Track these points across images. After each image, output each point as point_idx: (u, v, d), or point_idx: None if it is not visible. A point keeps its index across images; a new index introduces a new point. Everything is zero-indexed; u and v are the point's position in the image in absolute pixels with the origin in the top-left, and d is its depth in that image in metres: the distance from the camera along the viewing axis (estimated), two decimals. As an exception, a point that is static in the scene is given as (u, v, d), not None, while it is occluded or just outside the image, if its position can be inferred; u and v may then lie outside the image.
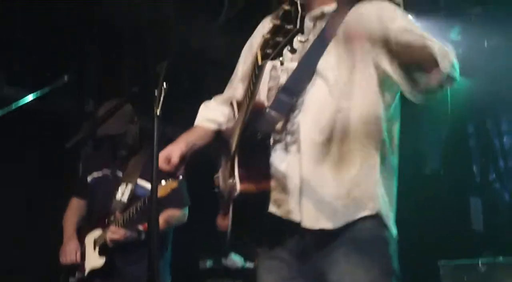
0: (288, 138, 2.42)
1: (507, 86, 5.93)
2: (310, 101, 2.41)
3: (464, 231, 6.42)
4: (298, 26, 1.86)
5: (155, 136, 2.30)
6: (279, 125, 2.39)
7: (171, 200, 3.99)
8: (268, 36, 1.95)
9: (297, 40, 1.88)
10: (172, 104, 2.59)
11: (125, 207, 4.10)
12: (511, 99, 6.13)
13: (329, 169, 2.38)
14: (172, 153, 2.55)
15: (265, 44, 1.97)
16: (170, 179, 3.83)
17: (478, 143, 6.68)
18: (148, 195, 3.93)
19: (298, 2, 1.85)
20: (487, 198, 6.57)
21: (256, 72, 2.13)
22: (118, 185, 4.22)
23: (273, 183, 2.38)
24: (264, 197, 2.36)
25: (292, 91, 2.39)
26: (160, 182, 3.81)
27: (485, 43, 5.87)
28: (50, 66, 5.84)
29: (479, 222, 6.80)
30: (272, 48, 1.94)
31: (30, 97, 4.34)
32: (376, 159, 2.43)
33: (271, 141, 2.40)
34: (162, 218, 4.00)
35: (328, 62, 2.40)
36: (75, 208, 4.50)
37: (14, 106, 4.18)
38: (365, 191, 2.40)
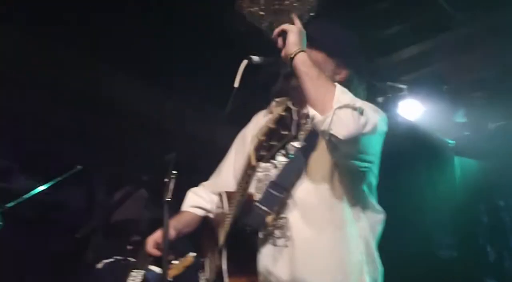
0: (277, 233, 2.42)
1: (514, 166, 5.95)
2: (299, 198, 2.43)
3: (481, 315, 6.27)
4: (293, 132, 1.91)
5: (164, 222, 2.32)
6: (268, 219, 2.40)
7: None
8: (263, 138, 1.99)
9: (291, 146, 1.88)
10: (182, 191, 2.63)
11: None
12: (519, 178, 6.12)
13: (322, 262, 2.37)
14: (161, 238, 2.57)
15: (259, 146, 2.01)
16: (182, 257, 3.80)
17: (490, 223, 6.62)
18: (158, 277, 3.90)
19: (293, 109, 1.87)
20: (502, 278, 6.44)
21: (248, 172, 2.20)
22: (130, 270, 4.18)
23: (261, 278, 2.39)
24: None
25: (282, 187, 2.41)
26: (168, 262, 3.78)
27: (489, 125, 5.94)
28: (62, 157, 5.92)
29: (495, 304, 6.64)
30: (266, 151, 1.98)
31: (42, 187, 4.37)
32: (361, 245, 2.45)
33: (260, 235, 2.41)
34: None
35: (316, 160, 2.43)
36: None
37: (26, 196, 4.21)
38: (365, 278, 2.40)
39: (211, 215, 2.80)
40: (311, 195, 2.42)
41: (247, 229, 2.35)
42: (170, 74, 5.67)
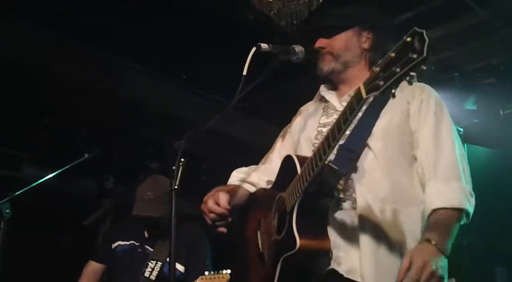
0: (342, 194, 2.38)
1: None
2: (363, 166, 2.39)
3: (491, 304, 6.26)
4: (425, 53, 1.70)
5: (172, 209, 2.29)
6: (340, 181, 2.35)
7: None
8: (378, 69, 1.84)
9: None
10: (191, 182, 2.60)
11: None
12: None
13: (384, 232, 2.32)
14: (221, 197, 2.53)
15: (374, 78, 1.86)
16: (218, 272, 3.74)
17: (501, 211, 6.59)
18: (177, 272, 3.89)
19: (424, 32, 1.72)
20: (512, 267, 6.44)
21: (355, 107, 1.99)
22: (147, 260, 4.15)
23: (331, 240, 2.33)
24: (324, 254, 2.30)
25: (351, 150, 2.34)
26: (204, 273, 3.74)
27: (501, 112, 5.91)
28: (71, 145, 5.94)
29: (506, 293, 6.62)
30: (385, 80, 1.81)
31: (50, 175, 4.37)
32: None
33: (333, 198, 2.36)
34: None
35: (378, 127, 2.40)
36: (90, 272, 4.40)
37: (34, 184, 4.20)
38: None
39: (260, 188, 2.78)
40: (374, 167, 2.40)
41: (324, 187, 2.29)
42: (180, 64, 5.67)
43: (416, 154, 2.45)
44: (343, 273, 2.32)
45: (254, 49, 2.41)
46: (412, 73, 1.74)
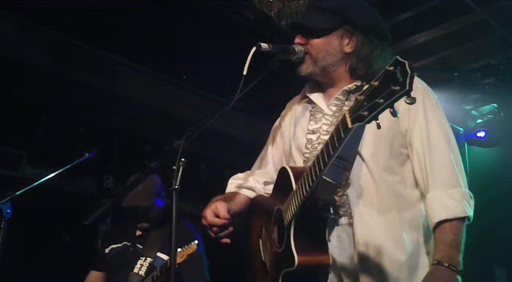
0: (338, 210, 2.35)
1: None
2: (355, 176, 2.35)
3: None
4: (407, 87, 1.66)
5: (173, 209, 2.29)
6: (335, 195, 2.31)
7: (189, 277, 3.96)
8: (362, 97, 1.79)
9: (403, 101, 1.68)
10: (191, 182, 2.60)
11: (142, 280, 4.08)
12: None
13: (379, 240, 2.29)
14: (219, 208, 2.50)
15: (358, 107, 1.81)
16: (186, 245, 3.84)
17: (502, 212, 6.60)
18: (164, 264, 3.95)
19: (406, 63, 1.68)
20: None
21: (342, 136, 1.95)
22: (138, 258, 4.20)
23: (330, 256, 2.29)
24: (323, 271, 2.29)
25: (345, 160, 2.26)
26: (176, 249, 3.81)
27: (501, 113, 5.91)
28: (70, 144, 5.94)
29: (504, 292, 6.63)
30: (369, 111, 1.77)
31: (51, 175, 4.37)
32: (420, 226, 2.37)
33: (330, 212, 2.31)
34: None
35: (369, 131, 2.28)
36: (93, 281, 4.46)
37: (34, 183, 4.20)
38: (425, 258, 2.33)
39: (261, 194, 2.74)
40: (367, 177, 2.35)
41: (319, 203, 2.24)
42: (180, 63, 5.66)
43: (409, 154, 2.39)
44: None
45: (254, 49, 2.37)
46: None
